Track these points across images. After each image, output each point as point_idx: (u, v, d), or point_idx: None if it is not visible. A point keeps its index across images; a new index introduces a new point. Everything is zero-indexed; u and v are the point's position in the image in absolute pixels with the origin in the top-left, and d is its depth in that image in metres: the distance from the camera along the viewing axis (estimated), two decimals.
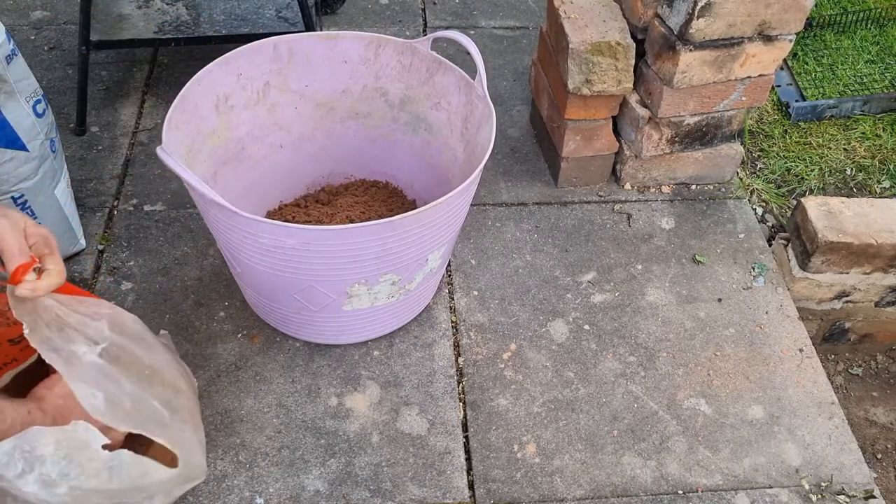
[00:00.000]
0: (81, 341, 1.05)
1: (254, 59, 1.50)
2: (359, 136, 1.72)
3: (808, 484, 1.44)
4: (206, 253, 1.72)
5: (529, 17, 2.39)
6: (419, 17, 2.38)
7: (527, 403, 1.51)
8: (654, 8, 1.65)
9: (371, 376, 1.53)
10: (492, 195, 1.88)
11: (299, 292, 1.38)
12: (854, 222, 1.69)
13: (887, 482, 1.72)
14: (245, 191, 1.63)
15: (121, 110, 2.03)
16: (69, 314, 1.05)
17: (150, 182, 1.86)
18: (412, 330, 1.60)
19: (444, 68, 1.52)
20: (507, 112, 2.08)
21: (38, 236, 0.98)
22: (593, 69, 1.66)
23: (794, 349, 1.63)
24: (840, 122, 2.16)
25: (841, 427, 1.52)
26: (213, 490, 1.36)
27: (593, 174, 1.89)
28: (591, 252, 1.77)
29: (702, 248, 1.80)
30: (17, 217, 0.97)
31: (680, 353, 1.61)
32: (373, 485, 1.38)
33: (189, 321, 1.59)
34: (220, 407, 1.47)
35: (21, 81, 1.43)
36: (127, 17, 1.95)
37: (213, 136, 1.50)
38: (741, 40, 1.60)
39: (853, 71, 2.24)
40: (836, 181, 2.03)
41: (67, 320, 1.05)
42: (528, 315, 1.65)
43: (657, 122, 1.74)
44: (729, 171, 1.92)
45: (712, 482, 1.42)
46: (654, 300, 1.69)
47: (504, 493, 1.39)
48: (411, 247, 1.32)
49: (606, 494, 1.40)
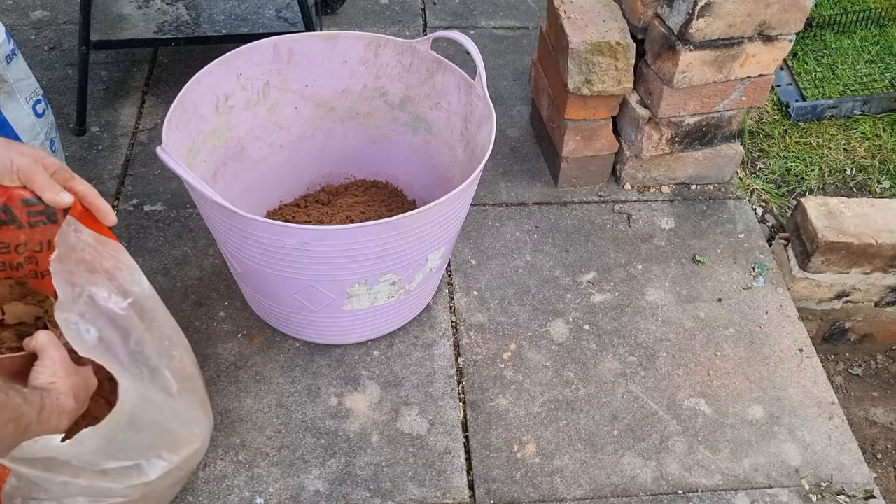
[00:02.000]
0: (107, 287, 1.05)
1: (254, 59, 1.50)
2: (359, 136, 1.72)
3: (808, 484, 1.44)
4: (206, 253, 1.72)
5: (529, 17, 2.39)
6: (419, 17, 2.38)
7: (527, 403, 1.51)
8: (654, 8, 1.65)
9: (371, 376, 1.53)
10: (492, 195, 1.88)
11: (299, 292, 1.38)
12: (854, 222, 1.69)
13: (887, 482, 1.72)
14: (245, 191, 1.63)
15: (121, 110, 2.03)
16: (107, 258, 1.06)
17: (150, 182, 1.86)
18: (412, 330, 1.60)
19: (444, 68, 1.52)
20: (507, 112, 2.08)
21: (55, 165, 1.02)
22: (593, 69, 1.66)
23: (794, 349, 1.63)
24: (840, 122, 2.16)
25: (841, 427, 1.52)
26: (213, 490, 1.36)
27: (593, 174, 1.89)
28: (591, 252, 1.77)
29: (702, 248, 1.80)
30: (35, 153, 1.02)
31: (680, 353, 1.61)
32: (373, 485, 1.38)
33: (189, 321, 1.59)
34: (220, 407, 1.47)
35: (21, 81, 1.44)
36: (127, 17, 1.95)
37: (213, 136, 1.50)
38: (741, 40, 1.60)
39: (853, 71, 2.24)
40: (836, 181, 2.03)
41: (103, 263, 1.05)
42: (528, 315, 1.65)
43: (657, 122, 1.74)
44: (729, 171, 1.92)
45: (712, 482, 1.42)
46: (654, 300, 1.69)
47: (504, 493, 1.39)
48: (411, 247, 1.32)
49: (606, 494, 1.40)
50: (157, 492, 1.22)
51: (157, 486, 1.18)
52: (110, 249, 1.09)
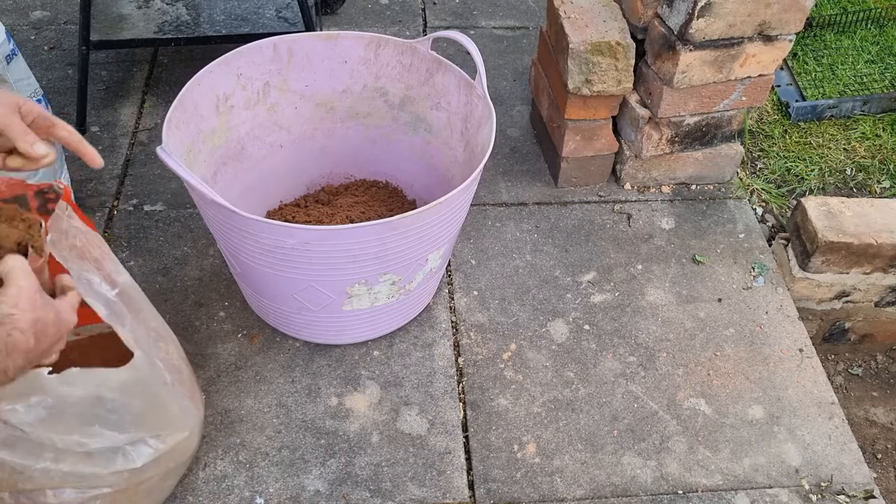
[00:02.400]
0: (96, 274, 1.05)
1: (254, 59, 1.50)
2: (359, 136, 1.72)
3: (808, 484, 1.44)
4: (206, 253, 1.72)
5: (529, 17, 2.39)
6: (419, 17, 2.38)
7: (527, 403, 1.51)
8: (654, 8, 1.65)
9: (371, 376, 1.53)
10: (492, 195, 1.88)
11: (299, 292, 1.38)
12: (854, 222, 1.69)
13: (887, 482, 1.72)
14: (245, 191, 1.63)
15: (121, 110, 2.03)
16: (95, 248, 1.06)
17: (150, 182, 1.86)
18: (412, 330, 1.60)
19: (444, 68, 1.52)
20: (507, 112, 2.08)
21: (33, 113, 0.96)
22: (593, 69, 1.66)
23: (794, 349, 1.63)
24: (840, 122, 2.16)
25: (841, 427, 1.52)
26: (213, 490, 1.36)
27: (593, 174, 1.89)
28: (591, 252, 1.77)
29: (702, 248, 1.80)
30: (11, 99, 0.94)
31: (680, 353, 1.61)
32: (373, 485, 1.38)
33: (189, 321, 1.59)
34: (220, 407, 1.47)
35: (21, 81, 1.44)
36: (127, 17, 1.95)
37: (214, 136, 1.50)
38: (741, 40, 1.60)
39: (853, 71, 2.24)
40: (836, 181, 2.03)
41: (92, 252, 1.05)
42: (528, 315, 1.65)
43: (657, 122, 1.74)
44: (729, 171, 1.92)
45: (712, 482, 1.42)
46: (654, 300, 1.69)
47: (504, 493, 1.39)
48: (411, 247, 1.32)
49: (606, 494, 1.40)
50: (147, 483, 1.21)
51: (145, 475, 1.18)
52: (95, 239, 1.09)
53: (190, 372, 1.36)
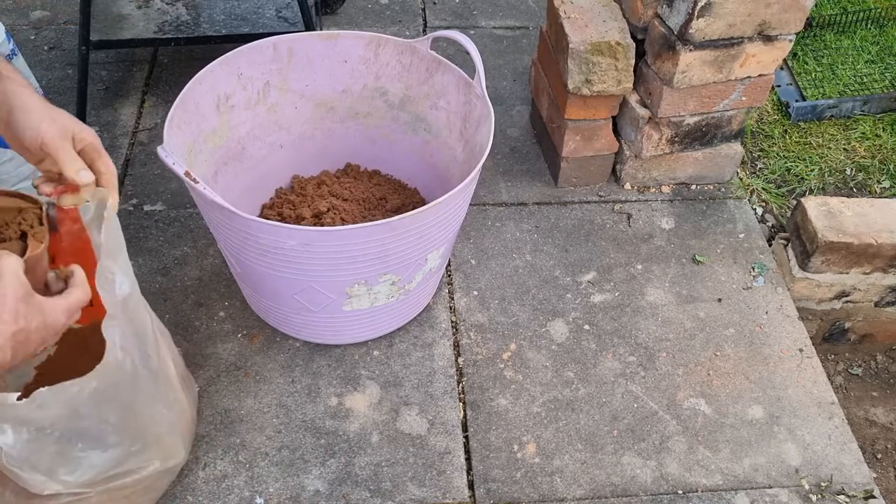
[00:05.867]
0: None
1: (254, 59, 1.50)
2: (359, 136, 1.72)
3: (807, 484, 1.44)
4: (206, 253, 1.72)
5: (529, 17, 2.39)
6: (419, 16, 2.38)
7: (527, 403, 1.51)
8: (654, 8, 1.65)
9: (371, 376, 1.53)
10: (492, 195, 1.88)
11: (299, 293, 1.38)
12: (854, 222, 1.69)
13: (887, 482, 1.72)
14: (245, 190, 1.63)
15: (121, 110, 2.03)
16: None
17: (150, 182, 1.86)
18: (412, 330, 1.60)
19: (443, 68, 1.52)
20: (507, 112, 2.08)
21: (85, 142, 0.96)
22: (593, 69, 1.66)
23: (793, 349, 1.63)
24: (840, 122, 2.16)
25: (841, 427, 1.52)
26: (213, 490, 1.36)
27: (593, 174, 1.89)
28: (591, 252, 1.77)
29: (702, 248, 1.80)
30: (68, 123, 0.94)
31: (680, 353, 1.61)
32: (373, 485, 1.38)
33: (189, 321, 1.59)
34: (220, 407, 1.47)
35: None
36: (127, 17, 1.95)
37: (214, 135, 1.50)
38: (741, 40, 1.60)
39: (853, 71, 2.24)
40: (836, 181, 2.03)
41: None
42: (527, 315, 1.65)
43: (657, 121, 1.74)
44: (729, 171, 1.92)
45: (712, 482, 1.42)
46: (653, 300, 1.69)
47: (504, 493, 1.39)
48: (411, 247, 1.32)
49: (606, 494, 1.40)
50: (143, 483, 1.20)
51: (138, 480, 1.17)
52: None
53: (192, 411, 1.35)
